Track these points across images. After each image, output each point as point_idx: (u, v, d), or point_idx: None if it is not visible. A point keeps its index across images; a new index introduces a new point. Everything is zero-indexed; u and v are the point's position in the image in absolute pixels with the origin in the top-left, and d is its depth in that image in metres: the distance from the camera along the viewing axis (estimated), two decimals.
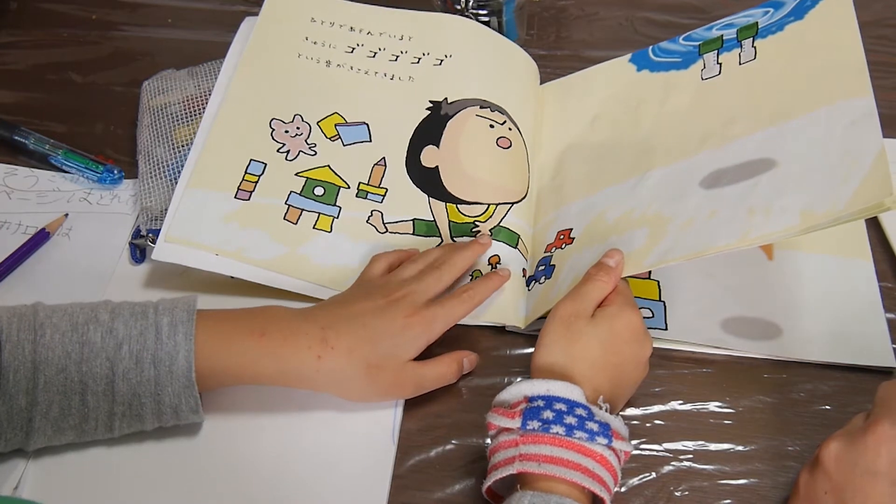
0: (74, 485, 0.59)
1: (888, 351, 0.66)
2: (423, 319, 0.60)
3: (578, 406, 0.54)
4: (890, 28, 0.92)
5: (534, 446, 0.53)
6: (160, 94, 0.79)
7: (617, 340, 0.58)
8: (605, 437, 0.53)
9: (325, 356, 0.58)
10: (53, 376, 0.55)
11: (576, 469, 0.52)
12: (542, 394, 0.54)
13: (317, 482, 0.59)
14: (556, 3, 0.94)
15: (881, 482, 0.49)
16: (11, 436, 0.56)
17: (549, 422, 0.53)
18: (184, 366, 0.56)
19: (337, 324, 0.59)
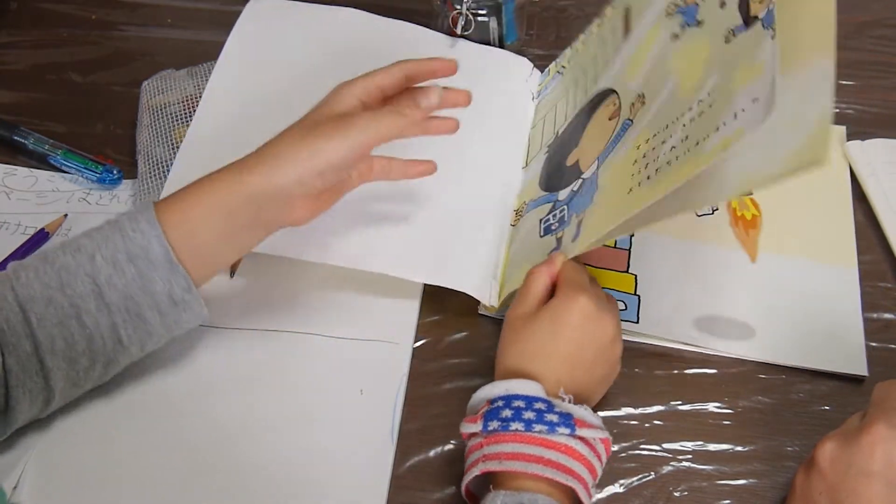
0: (74, 484, 0.59)
1: (861, 359, 0.66)
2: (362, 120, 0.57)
3: (537, 400, 0.54)
4: (890, 28, 0.92)
5: (496, 445, 0.53)
6: (160, 94, 0.79)
7: (566, 329, 0.57)
8: (567, 426, 0.53)
9: (262, 148, 0.57)
10: (43, 311, 0.54)
11: (537, 462, 0.52)
12: (501, 394, 0.55)
13: (316, 482, 0.59)
14: (556, 3, 0.94)
15: (875, 483, 0.49)
16: (32, 385, 0.55)
17: (508, 420, 0.53)
18: (160, 251, 0.55)
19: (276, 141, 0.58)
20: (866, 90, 0.85)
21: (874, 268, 0.72)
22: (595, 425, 0.54)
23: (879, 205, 0.75)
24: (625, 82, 0.67)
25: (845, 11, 0.92)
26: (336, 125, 0.56)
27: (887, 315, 0.70)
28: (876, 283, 0.71)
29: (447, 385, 0.65)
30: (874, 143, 0.79)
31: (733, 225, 0.74)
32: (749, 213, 0.75)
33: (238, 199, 0.56)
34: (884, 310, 0.70)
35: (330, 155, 0.56)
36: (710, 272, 0.71)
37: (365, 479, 0.60)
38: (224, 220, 0.56)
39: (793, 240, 0.73)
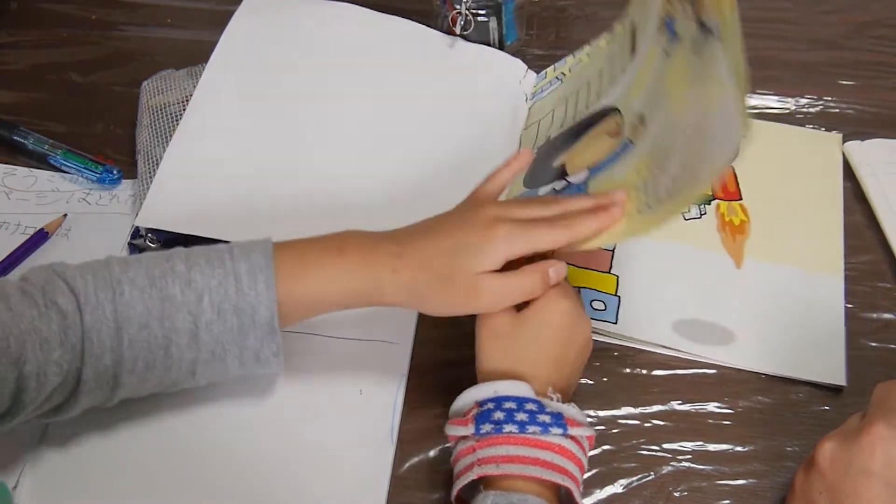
0: (74, 484, 0.59)
1: (840, 369, 0.65)
2: (504, 232, 0.56)
3: (528, 401, 0.54)
4: (890, 28, 0.92)
5: (490, 449, 0.53)
6: (159, 94, 0.79)
7: (551, 332, 0.57)
8: (559, 426, 0.53)
9: (400, 269, 0.56)
10: (136, 333, 0.54)
11: (533, 464, 0.52)
12: (490, 396, 0.55)
13: (316, 482, 0.59)
14: (556, 3, 0.94)
15: (875, 483, 0.49)
16: (99, 393, 0.55)
17: (500, 422, 0.53)
18: (266, 315, 0.55)
19: (412, 238, 0.58)
20: (866, 90, 0.85)
21: (874, 268, 0.72)
22: (583, 423, 0.54)
23: (879, 205, 0.75)
24: (629, 102, 0.67)
25: (845, 11, 0.93)
26: (467, 290, 0.56)
27: (887, 315, 0.69)
28: (876, 283, 0.71)
29: (447, 385, 0.65)
30: (874, 143, 0.79)
31: (720, 230, 0.74)
32: (738, 218, 0.74)
33: (365, 300, 0.58)
34: (884, 310, 0.70)
35: (448, 310, 0.58)
36: (694, 276, 0.71)
37: (365, 479, 0.60)
38: (340, 304, 0.58)
39: (780, 247, 0.72)
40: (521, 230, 0.56)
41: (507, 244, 0.56)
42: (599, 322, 0.67)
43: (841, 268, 0.71)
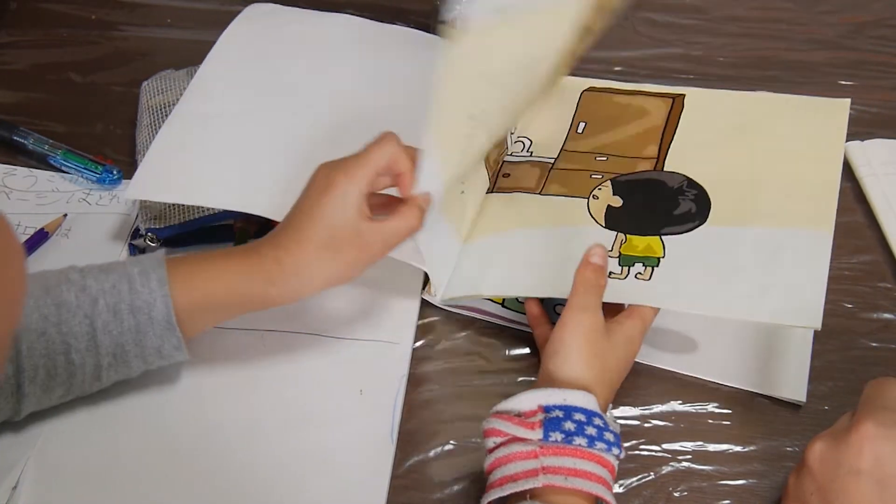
0: (74, 484, 0.59)
1: (802, 385, 0.64)
2: (342, 174, 0.56)
3: (596, 416, 0.54)
4: (890, 28, 0.92)
5: (556, 458, 0.52)
6: (160, 94, 0.79)
7: (630, 357, 0.60)
8: (618, 447, 0.53)
9: (282, 258, 0.56)
10: (34, 341, 0.55)
11: (597, 481, 0.52)
12: (559, 403, 0.53)
13: (316, 482, 0.59)
14: None
15: (864, 481, 0.49)
16: (3, 404, 0.56)
17: (571, 433, 0.52)
18: (162, 311, 0.56)
19: (284, 228, 0.58)
20: (866, 90, 0.85)
21: (874, 268, 0.72)
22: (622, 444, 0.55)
23: (879, 205, 0.75)
24: None
25: (845, 11, 0.93)
26: (353, 242, 0.56)
27: (887, 315, 0.70)
28: (876, 283, 0.71)
29: (447, 385, 0.65)
30: (874, 143, 0.79)
31: None
32: None
33: (254, 301, 0.58)
34: (884, 310, 0.70)
35: (348, 272, 0.58)
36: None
37: (365, 479, 0.60)
38: (233, 307, 0.59)
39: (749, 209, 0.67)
40: (355, 162, 0.56)
41: (347, 178, 0.56)
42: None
43: (832, 222, 0.64)
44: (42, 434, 0.61)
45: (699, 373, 0.65)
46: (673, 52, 0.89)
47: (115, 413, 0.62)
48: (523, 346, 0.68)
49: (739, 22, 0.92)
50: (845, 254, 0.73)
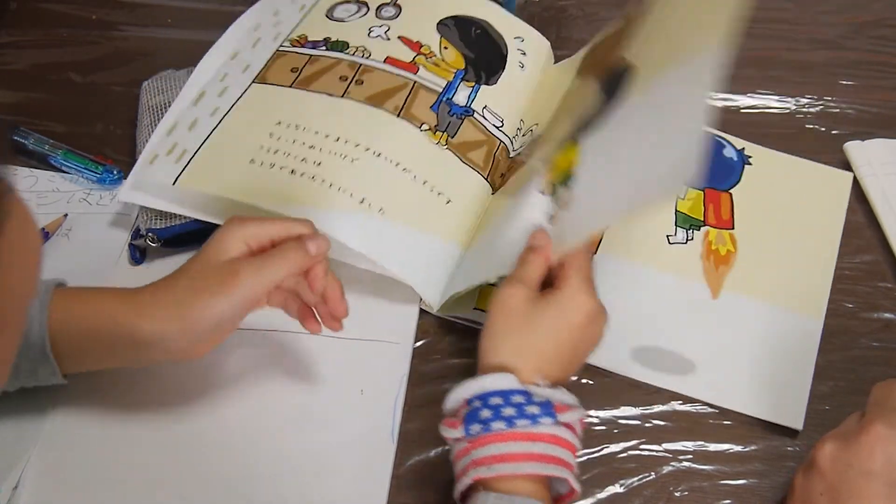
0: (75, 484, 0.59)
1: (800, 414, 0.63)
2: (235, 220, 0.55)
3: (514, 394, 0.52)
4: (890, 28, 0.92)
5: (482, 449, 0.52)
6: (160, 94, 0.79)
7: (570, 327, 0.56)
8: (549, 415, 0.52)
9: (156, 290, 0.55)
10: None
11: (527, 460, 0.51)
12: (477, 393, 0.53)
13: (316, 482, 0.59)
14: (556, 3, 0.94)
15: (875, 482, 0.49)
16: None
17: (488, 420, 0.52)
18: (38, 334, 0.55)
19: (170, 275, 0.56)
20: (866, 90, 0.86)
21: (874, 268, 0.72)
22: (573, 406, 0.53)
23: (879, 205, 0.75)
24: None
25: (845, 11, 0.93)
26: (221, 280, 0.54)
27: (887, 315, 0.70)
28: (876, 283, 0.71)
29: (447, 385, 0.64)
30: (874, 143, 0.79)
31: (704, 258, 0.71)
32: (724, 248, 0.72)
33: (124, 339, 0.54)
34: (884, 310, 0.70)
35: (216, 312, 0.54)
36: (665, 302, 0.69)
37: (365, 479, 0.60)
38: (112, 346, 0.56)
39: (763, 283, 0.70)
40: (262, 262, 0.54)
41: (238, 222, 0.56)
42: None
43: (823, 311, 0.69)
44: (43, 433, 0.61)
45: (694, 393, 0.64)
46: None
47: (116, 413, 0.62)
48: None
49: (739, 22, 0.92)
50: (845, 254, 0.73)
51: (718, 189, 0.76)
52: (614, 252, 0.71)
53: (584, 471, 0.61)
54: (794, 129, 0.83)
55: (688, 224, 0.73)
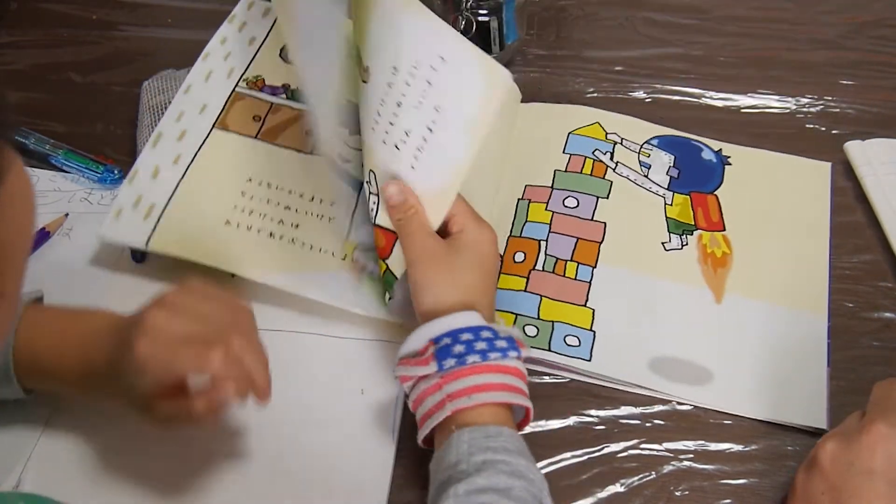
0: (76, 482, 0.59)
1: (822, 411, 0.63)
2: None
3: (483, 329, 0.55)
4: (890, 28, 0.92)
5: (457, 382, 0.54)
6: (160, 93, 0.79)
7: (487, 261, 0.60)
8: (515, 350, 0.55)
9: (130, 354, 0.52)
10: None
11: (501, 389, 0.54)
12: (445, 331, 0.55)
13: (317, 482, 0.60)
14: (556, 3, 0.94)
15: (877, 482, 0.49)
16: None
17: (462, 354, 0.54)
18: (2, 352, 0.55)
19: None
20: (866, 90, 0.86)
21: (874, 268, 0.72)
22: (526, 344, 0.56)
23: (879, 205, 0.75)
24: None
25: (845, 11, 0.93)
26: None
27: (887, 315, 0.70)
28: (876, 283, 0.71)
29: None
30: (874, 143, 0.79)
31: (701, 262, 0.71)
32: (720, 250, 0.72)
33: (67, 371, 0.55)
34: (884, 309, 0.70)
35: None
36: (673, 311, 0.68)
37: (365, 479, 0.60)
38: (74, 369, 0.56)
39: (763, 282, 0.70)
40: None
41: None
42: (572, 359, 0.65)
43: (825, 305, 0.69)
44: (43, 433, 0.61)
45: (715, 404, 0.64)
46: (673, 52, 0.89)
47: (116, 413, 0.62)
48: None
49: (739, 22, 0.92)
50: (846, 253, 0.73)
51: (703, 192, 0.76)
52: (616, 264, 0.71)
53: (585, 470, 0.61)
54: (794, 129, 0.83)
55: (680, 229, 0.73)
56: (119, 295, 0.68)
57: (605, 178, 0.76)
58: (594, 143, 0.78)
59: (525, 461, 0.52)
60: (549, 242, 0.71)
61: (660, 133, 0.80)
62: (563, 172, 0.76)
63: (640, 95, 0.85)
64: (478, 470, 0.50)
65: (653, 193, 0.76)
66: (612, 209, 0.74)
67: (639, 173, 0.77)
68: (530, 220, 0.73)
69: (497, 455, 0.51)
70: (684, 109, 0.84)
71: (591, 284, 0.69)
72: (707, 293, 0.70)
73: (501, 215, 0.74)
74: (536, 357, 0.65)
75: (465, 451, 0.51)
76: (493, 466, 0.50)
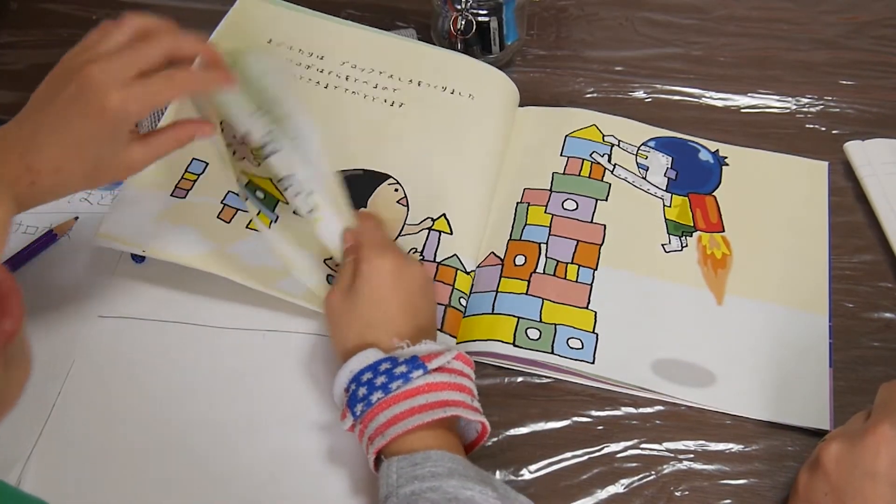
0: (75, 480, 0.59)
1: (825, 412, 0.63)
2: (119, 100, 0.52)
3: (380, 363, 0.55)
4: (890, 28, 0.92)
5: (371, 423, 0.54)
6: None
7: (382, 291, 0.59)
8: (418, 368, 0.54)
9: (38, 181, 0.53)
10: None
11: (411, 414, 0.53)
12: (349, 378, 0.56)
13: (316, 482, 0.59)
14: (556, 3, 0.94)
15: (881, 484, 0.49)
16: None
17: (366, 396, 0.54)
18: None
19: (38, 141, 0.54)
20: (866, 90, 0.86)
21: (874, 268, 0.72)
22: (439, 352, 0.56)
23: (879, 205, 0.75)
24: None
25: (845, 11, 0.93)
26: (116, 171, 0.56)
27: (887, 315, 0.70)
28: (876, 283, 0.71)
29: None
30: (874, 143, 0.80)
31: (702, 263, 0.71)
32: (720, 251, 0.72)
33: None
34: (884, 310, 0.70)
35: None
36: (674, 312, 0.68)
37: (366, 478, 0.60)
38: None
39: (763, 283, 0.70)
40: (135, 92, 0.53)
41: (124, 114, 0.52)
42: (576, 362, 0.65)
43: (826, 305, 0.69)
44: (43, 431, 0.61)
45: (719, 406, 0.64)
46: (673, 52, 0.89)
47: (116, 411, 0.62)
48: None
49: (739, 22, 0.92)
50: (846, 254, 0.73)
51: (702, 193, 0.76)
52: (617, 266, 0.71)
53: (585, 470, 0.61)
54: (794, 129, 0.83)
55: (679, 231, 0.73)
56: (119, 295, 0.69)
57: (603, 181, 0.76)
58: (591, 146, 0.79)
59: (456, 481, 0.50)
60: (549, 245, 0.71)
61: (657, 135, 0.80)
62: (562, 175, 0.76)
63: (639, 95, 0.85)
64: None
65: (651, 195, 0.76)
66: (612, 211, 0.74)
67: (637, 175, 0.77)
68: (530, 224, 0.73)
69: (424, 483, 0.50)
70: (684, 109, 0.84)
71: (592, 287, 0.69)
72: (708, 295, 0.70)
73: (501, 219, 0.74)
74: (539, 361, 0.65)
75: (395, 483, 0.51)
76: (422, 497, 0.50)
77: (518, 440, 0.62)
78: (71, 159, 0.53)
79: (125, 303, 0.68)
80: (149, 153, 0.56)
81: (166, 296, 0.69)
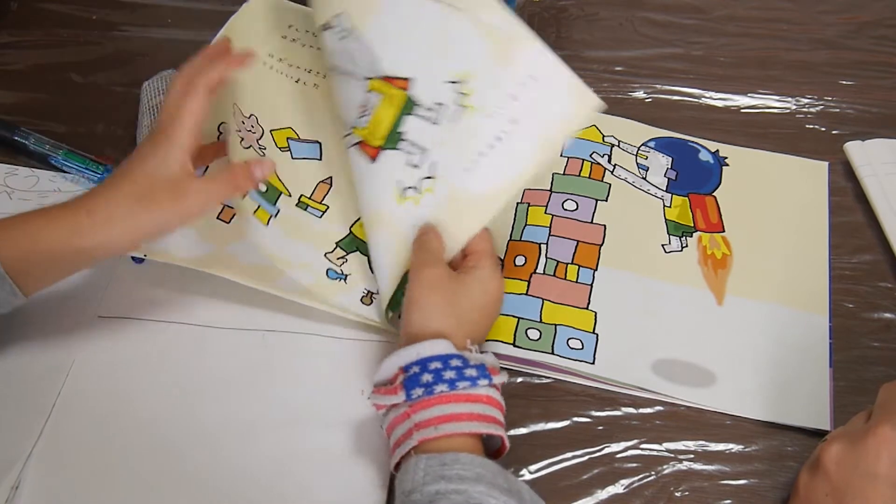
0: (75, 481, 0.59)
1: (825, 412, 0.63)
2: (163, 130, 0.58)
3: (452, 357, 0.55)
4: (890, 28, 0.92)
5: (425, 412, 0.53)
6: (160, 94, 0.79)
7: (490, 300, 0.61)
8: (486, 377, 0.55)
9: (94, 209, 0.57)
10: None
11: (469, 419, 0.53)
12: (414, 360, 0.55)
13: (317, 482, 0.60)
14: (556, 3, 0.94)
15: (882, 485, 0.49)
16: None
17: (430, 384, 0.54)
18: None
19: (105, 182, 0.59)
20: (866, 90, 0.86)
21: (874, 268, 0.72)
22: (499, 369, 0.56)
23: (879, 205, 0.75)
24: None
25: (845, 11, 0.93)
26: (172, 195, 0.58)
27: (887, 315, 0.70)
28: (876, 283, 0.71)
29: None
30: (874, 143, 0.79)
31: (702, 264, 0.71)
32: (720, 252, 0.72)
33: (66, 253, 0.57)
34: (884, 310, 0.70)
35: (164, 224, 0.58)
36: (674, 313, 0.68)
37: (365, 479, 0.60)
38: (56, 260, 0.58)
39: (763, 283, 0.70)
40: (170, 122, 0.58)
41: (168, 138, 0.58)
42: (576, 363, 0.65)
43: (826, 306, 0.69)
44: (43, 432, 0.61)
45: (719, 406, 0.64)
46: (673, 52, 0.89)
47: (116, 412, 0.62)
48: None
49: (739, 22, 0.92)
50: (845, 253, 0.73)
51: (702, 193, 0.76)
52: (617, 266, 0.71)
53: (585, 470, 0.61)
54: (794, 129, 0.83)
55: (679, 231, 0.73)
56: (119, 295, 0.69)
57: (603, 181, 0.76)
58: (591, 146, 0.78)
59: (483, 487, 0.50)
60: (549, 246, 0.71)
61: (656, 135, 0.80)
62: (562, 175, 0.76)
63: (639, 95, 0.85)
64: (430, 502, 0.50)
65: (651, 195, 0.76)
66: (612, 212, 0.74)
67: (637, 175, 0.77)
68: (530, 224, 0.73)
69: (451, 484, 0.50)
70: (684, 109, 0.84)
71: (592, 287, 0.69)
72: (708, 295, 0.70)
73: (501, 219, 0.73)
74: (540, 361, 0.65)
75: (420, 480, 0.51)
76: (446, 498, 0.49)
77: (518, 440, 0.62)
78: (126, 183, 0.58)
79: (125, 303, 0.68)
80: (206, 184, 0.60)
81: (166, 296, 0.69)
